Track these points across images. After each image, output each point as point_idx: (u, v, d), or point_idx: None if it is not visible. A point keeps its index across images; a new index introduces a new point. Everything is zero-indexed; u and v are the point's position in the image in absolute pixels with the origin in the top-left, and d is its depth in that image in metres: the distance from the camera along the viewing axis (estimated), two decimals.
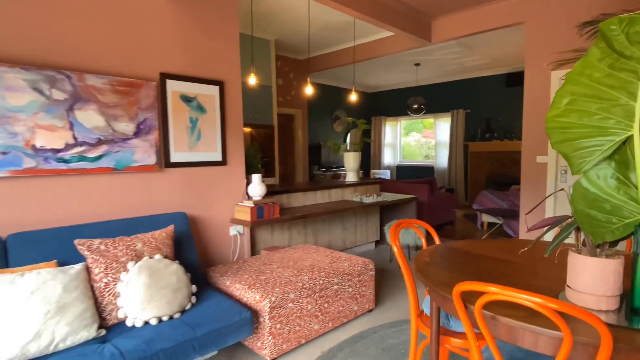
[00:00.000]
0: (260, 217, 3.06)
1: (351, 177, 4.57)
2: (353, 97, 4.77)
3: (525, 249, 1.71)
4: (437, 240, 2.13)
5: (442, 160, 9.23)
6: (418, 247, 4.00)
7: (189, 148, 2.87)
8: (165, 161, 2.74)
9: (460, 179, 8.81)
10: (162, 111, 2.73)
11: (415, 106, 7.60)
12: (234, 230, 3.15)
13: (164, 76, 2.72)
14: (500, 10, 4.57)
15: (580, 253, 1.22)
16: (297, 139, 7.43)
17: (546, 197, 3.28)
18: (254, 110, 5.77)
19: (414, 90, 9.62)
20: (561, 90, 1.06)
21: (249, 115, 5.68)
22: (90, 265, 2.10)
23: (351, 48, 6.38)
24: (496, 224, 6.23)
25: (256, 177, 3.16)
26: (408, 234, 3.81)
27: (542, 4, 4.20)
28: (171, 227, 2.43)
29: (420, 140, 10.23)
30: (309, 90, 4.29)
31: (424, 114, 7.97)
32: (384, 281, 3.64)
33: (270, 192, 3.51)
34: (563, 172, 4.29)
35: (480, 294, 1.21)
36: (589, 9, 3.83)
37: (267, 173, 6.16)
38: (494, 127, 8.34)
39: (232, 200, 3.15)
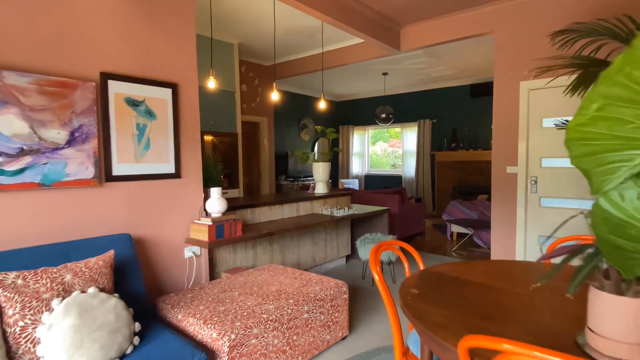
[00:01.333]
0: (220, 237, 2.73)
1: (320, 188, 4.32)
2: (322, 105, 4.54)
3: (538, 284, 1.50)
4: (420, 264, 1.89)
5: (409, 169, 9.21)
6: (391, 262, 3.79)
7: (136, 159, 2.49)
8: (105, 174, 2.35)
9: (427, 188, 8.80)
10: (102, 116, 2.35)
11: (384, 115, 7.51)
12: (189, 251, 2.79)
13: (105, 76, 2.35)
14: (469, 19, 4.52)
15: (603, 289, 1.01)
16: (263, 147, 7.11)
17: (566, 220, 3.16)
18: (216, 117, 5.41)
19: (381, 99, 9.58)
20: (591, 94, 0.86)
21: (210, 122, 5.31)
22: (2, 305, 1.69)
23: (319, 55, 6.19)
24: (466, 234, 6.18)
25: (215, 192, 2.83)
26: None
27: (512, 14, 4.19)
28: (110, 253, 2.05)
29: (387, 150, 10.20)
30: (275, 96, 4.02)
31: (391, 123, 7.91)
32: (357, 302, 3.39)
33: (232, 207, 3.18)
34: (533, 182, 4.25)
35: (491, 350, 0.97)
36: (559, 18, 3.83)
37: (230, 185, 5.79)
38: (460, 136, 8.41)
39: (187, 217, 2.79)
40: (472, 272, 1.69)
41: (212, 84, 3.50)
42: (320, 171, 4.27)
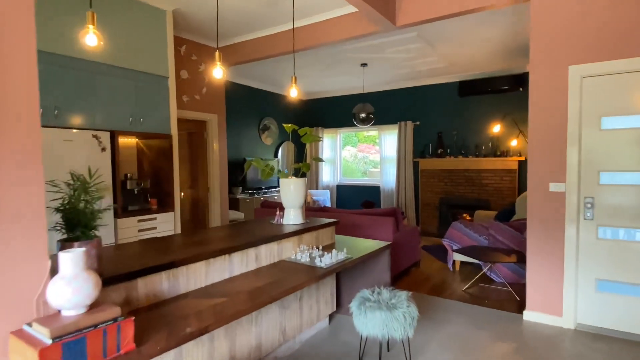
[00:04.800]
0: None
1: (292, 217, 2.85)
2: (293, 93, 3.10)
3: None
4: None
5: (388, 178, 7.96)
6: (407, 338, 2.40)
7: None
8: None
9: (410, 201, 7.58)
10: None
11: (363, 115, 6.19)
12: None
13: None
14: None
15: None
16: (212, 153, 5.52)
17: None
18: (138, 112, 3.79)
19: (357, 98, 8.28)
20: None
21: (130, 118, 3.68)
22: None
23: (286, 33, 4.73)
24: (473, 263, 4.95)
25: (70, 257, 1.28)
26: (387, 318, 2.18)
27: None
28: None
29: (357, 156, 8.92)
30: (218, 73, 2.51)
31: (371, 124, 6.63)
32: None
33: (122, 276, 1.63)
34: (588, 204, 3.05)
35: None
36: None
37: (160, 206, 4.17)
38: (447, 141, 7.28)
39: (5, 318, 1.24)
40: None
41: (91, 40, 1.94)
42: (291, 191, 2.80)
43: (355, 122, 6.45)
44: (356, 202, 8.41)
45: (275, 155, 8.13)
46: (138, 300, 1.67)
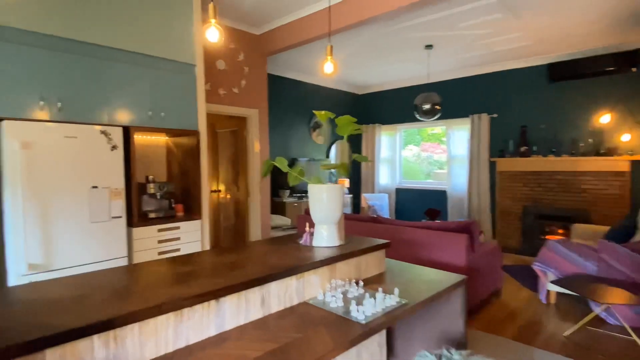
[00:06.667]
0: None
1: (326, 237, 2.09)
2: (328, 68, 2.34)
3: None
4: None
5: (457, 181, 6.83)
6: None
7: None
8: None
9: (484, 209, 6.40)
10: None
11: (427, 107, 5.22)
12: None
13: None
14: None
15: None
16: (252, 152, 4.95)
17: None
18: (161, 105, 3.29)
19: (419, 89, 7.27)
20: None
21: (149, 112, 3.18)
22: None
23: (325, 11, 3.99)
24: (574, 295, 3.79)
25: None
26: None
27: None
28: None
29: (420, 155, 7.86)
30: (213, 34, 1.84)
31: (437, 118, 5.62)
32: None
33: (17, 347, 1.00)
34: None
35: None
36: None
37: (186, 213, 3.65)
38: (533, 137, 6.00)
39: None
40: None
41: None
42: (324, 201, 2.04)
43: (417, 116, 5.50)
44: (418, 209, 7.38)
45: (328, 155, 7.42)
46: None
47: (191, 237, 3.51)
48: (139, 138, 3.60)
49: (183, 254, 2.04)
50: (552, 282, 3.21)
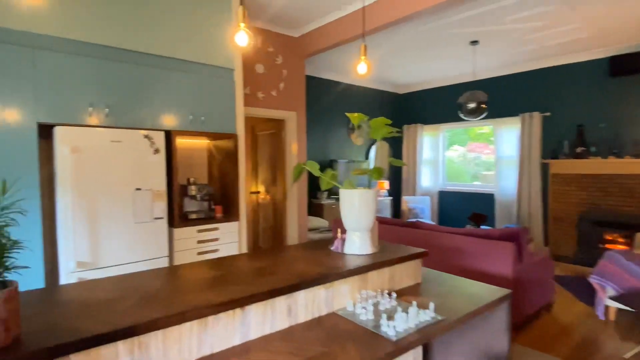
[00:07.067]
0: None
1: (358, 244, 2.02)
2: (362, 69, 2.28)
3: None
4: None
5: (506, 184, 6.45)
6: None
7: None
8: None
9: (535, 214, 5.98)
10: None
11: (472, 105, 4.96)
12: None
13: None
14: None
15: None
16: (289, 154, 4.97)
17: None
18: (201, 109, 3.38)
19: (464, 87, 6.96)
20: None
21: (190, 116, 3.28)
22: None
23: (362, 10, 3.90)
24: (634, 311, 3.42)
25: None
26: None
27: None
28: None
29: (466, 156, 7.51)
30: (242, 39, 1.84)
31: (482, 117, 5.33)
32: None
33: (45, 351, 1.03)
34: None
35: None
36: None
37: (225, 214, 3.72)
38: (591, 137, 5.52)
39: None
40: None
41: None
42: (355, 206, 1.98)
43: (461, 115, 5.25)
44: (463, 213, 7.06)
45: (367, 157, 7.31)
46: None
47: (229, 237, 3.57)
48: (181, 141, 3.72)
49: (219, 256, 2.06)
50: (612, 297, 2.91)
